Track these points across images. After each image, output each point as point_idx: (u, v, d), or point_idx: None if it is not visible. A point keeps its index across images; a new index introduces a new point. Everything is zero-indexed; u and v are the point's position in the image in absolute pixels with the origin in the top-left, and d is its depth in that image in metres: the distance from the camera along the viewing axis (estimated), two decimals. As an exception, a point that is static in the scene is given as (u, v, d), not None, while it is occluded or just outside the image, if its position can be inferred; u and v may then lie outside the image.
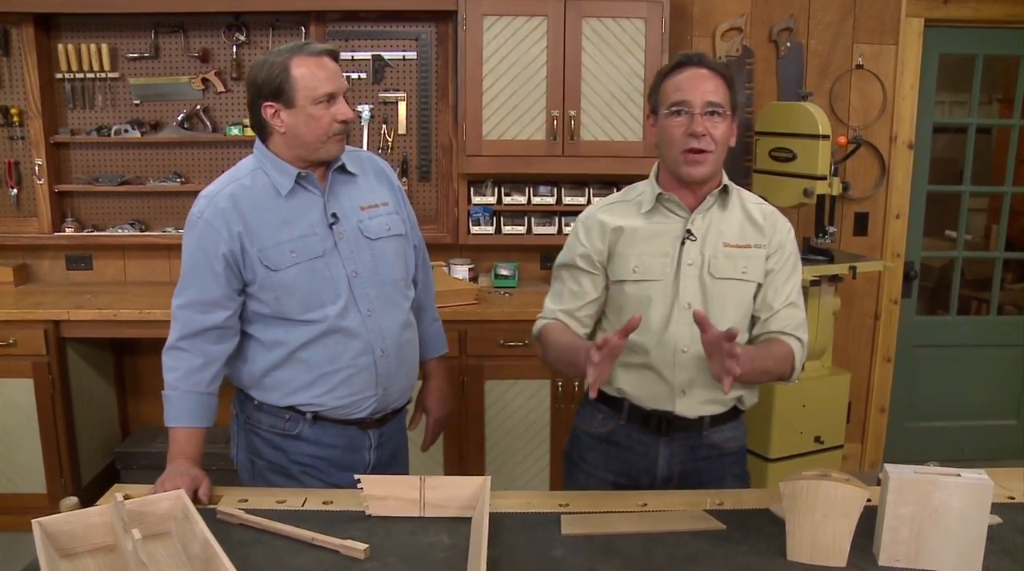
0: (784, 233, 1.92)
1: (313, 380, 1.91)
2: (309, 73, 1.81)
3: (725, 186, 1.88)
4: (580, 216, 1.98)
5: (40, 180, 3.67)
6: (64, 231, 3.74)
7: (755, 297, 1.90)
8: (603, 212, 1.94)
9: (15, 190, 3.72)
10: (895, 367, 4.10)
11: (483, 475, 3.39)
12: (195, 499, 1.69)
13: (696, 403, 1.87)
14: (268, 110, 1.84)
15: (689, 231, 1.86)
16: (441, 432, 2.34)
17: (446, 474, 3.45)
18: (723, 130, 1.80)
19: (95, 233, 3.77)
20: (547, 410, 3.45)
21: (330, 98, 1.83)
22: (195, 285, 1.86)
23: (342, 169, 1.95)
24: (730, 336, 1.57)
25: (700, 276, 1.85)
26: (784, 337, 1.87)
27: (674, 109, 1.79)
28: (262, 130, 1.89)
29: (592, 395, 1.63)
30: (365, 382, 1.94)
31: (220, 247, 1.84)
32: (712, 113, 1.78)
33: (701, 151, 1.78)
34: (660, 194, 1.88)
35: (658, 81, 1.86)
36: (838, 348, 3.97)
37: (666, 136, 1.82)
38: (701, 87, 1.78)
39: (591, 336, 1.96)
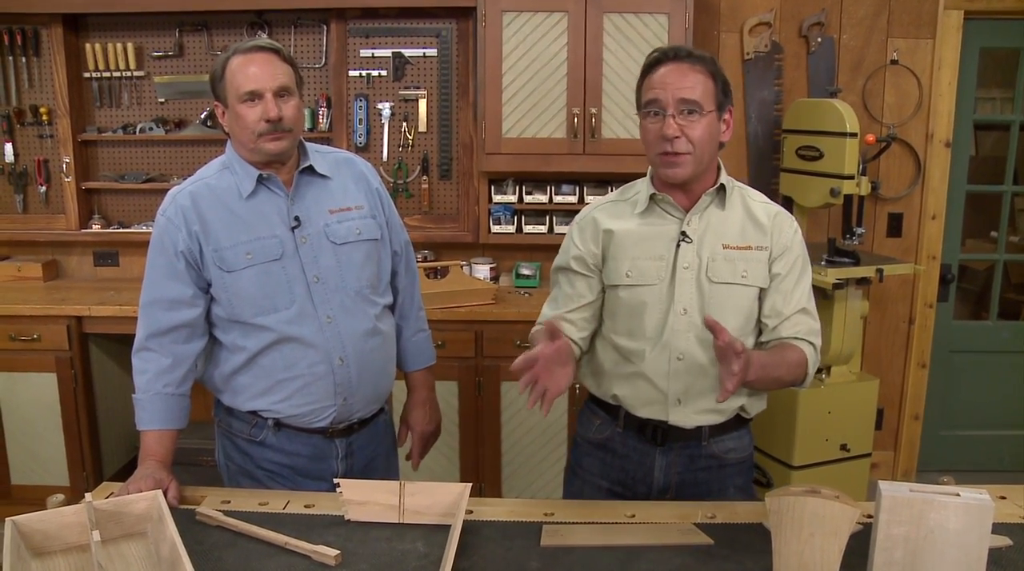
0: (790, 235, 1.81)
1: (270, 387, 1.88)
2: (238, 70, 1.78)
3: (722, 184, 1.79)
4: (576, 216, 1.92)
5: (68, 177, 3.74)
6: (91, 228, 3.80)
7: (760, 302, 1.81)
8: (598, 211, 1.87)
9: (44, 187, 3.79)
10: (930, 373, 3.94)
11: (499, 479, 3.41)
12: None
13: (692, 413, 1.79)
14: (218, 109, 1.85)
15: (684, 233, 1.77)
16: (429, 448, 2.23)
17: (462, 479, 3.42)
18: (701, 129, 1.69)
19: (121, 230, 3.82)
20: (564, 412, 3.39)
21: (253, 96, 1.77)
22: (159, 282, 1.85)
23: (311, 170, 1.90)
24: (736, 351, 1.52)
25: (697, 280, 1.76)
26: (796, 342, 1.79)
27: (648, 109, 1.71)
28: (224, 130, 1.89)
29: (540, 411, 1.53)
30: (323, 391, 1.89)
31: (179, 245, 1.83)
32: (688, 111, 1.68)
33: (677, 154, 1.70)
34: (654, 194, 1.80)
35: (639, 80, 1.77)
36: (869, 353, 3.84)
37: (644, 138, 1.75)
38: (675, 84, 1.68)
39: (591, 340, 1.91)
